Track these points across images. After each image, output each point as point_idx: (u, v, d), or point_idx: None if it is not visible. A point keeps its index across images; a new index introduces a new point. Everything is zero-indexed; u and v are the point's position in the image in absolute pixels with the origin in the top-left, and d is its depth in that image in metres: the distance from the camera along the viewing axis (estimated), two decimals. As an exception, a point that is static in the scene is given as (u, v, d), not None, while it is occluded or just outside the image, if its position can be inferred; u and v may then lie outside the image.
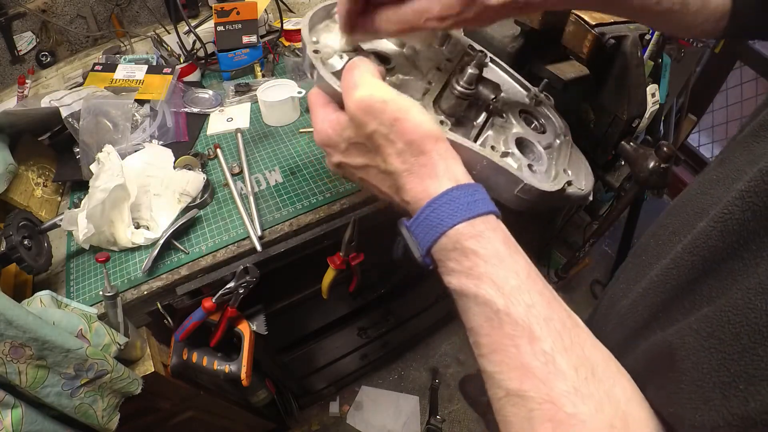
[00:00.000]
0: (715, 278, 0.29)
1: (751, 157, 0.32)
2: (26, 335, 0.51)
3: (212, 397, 0.98)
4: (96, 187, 0.71)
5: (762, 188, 0.26)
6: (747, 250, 0.27)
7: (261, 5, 1.10)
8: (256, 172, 0.87)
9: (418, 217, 0.33)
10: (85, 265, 0.75)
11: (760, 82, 1.88)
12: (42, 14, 1.05)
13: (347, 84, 0.37)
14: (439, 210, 0.32)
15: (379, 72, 0.38)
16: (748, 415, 0.22)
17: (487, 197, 0.34)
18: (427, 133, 0.34)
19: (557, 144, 0.54)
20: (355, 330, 1.34)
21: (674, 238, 0.37)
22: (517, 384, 0.28)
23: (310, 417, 1.68)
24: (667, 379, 0.29)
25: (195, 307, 0.76)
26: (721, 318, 0.26)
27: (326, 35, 0.52)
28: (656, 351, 0.32)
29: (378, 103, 0.34)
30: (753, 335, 0.23)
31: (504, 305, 0.29)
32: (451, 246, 0.32)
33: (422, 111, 0.35)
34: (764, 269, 0.24)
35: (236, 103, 1.03)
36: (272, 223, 0.78)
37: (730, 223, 0.28)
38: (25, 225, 0.70)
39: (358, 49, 0.47)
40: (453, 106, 0.47)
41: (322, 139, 0.40)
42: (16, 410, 0.52)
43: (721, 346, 0.25)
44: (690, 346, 0.27)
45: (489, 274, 0.30)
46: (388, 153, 0.35)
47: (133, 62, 1.04)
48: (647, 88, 0.67)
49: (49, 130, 0.89)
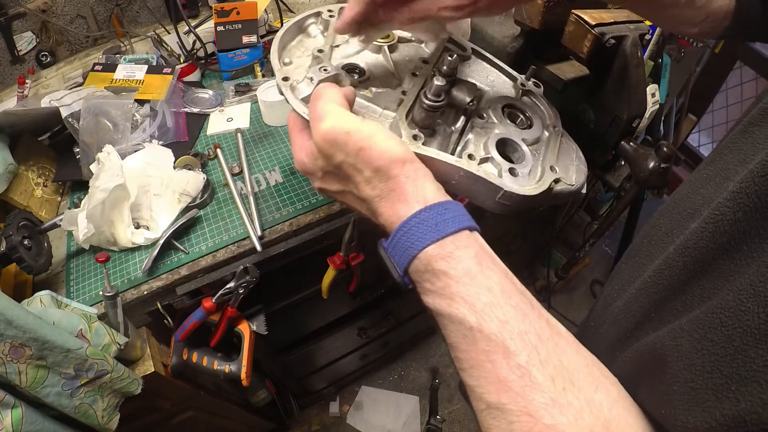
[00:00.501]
0: (707, 279, 0.29)
1: (741, 156, 0.32)
2: (26, 335, 0.51)
3: (212, 397, 0.98)
4: (96, 187, 0.71)
5: (753, 189, 0.26)
6: (738, 251, 0.27)
7: (261, 5, 1.10)
8: (256, 172, 0.87)
9: (392, 240, 0.34)
10: (85, 265, 0.75)
11: (760, 82, 1.88)
12: (42, 14, 1.05)
13: (313, 115, 0.37)
14: (409, 234, 0.33)
15: (346, 96, 0.39)
16: (738, 416, 0.22)
17: (459, 213, 0.34)
18: (392, 159, 0.35)
19: (545, 137, 0.51)
20: (355, 330, 1.34)
21: (666, 239, 0.37)
22: (495, 398, 0.28)
23: (310, 417, 1.68)
24: (660, 381, 0.29)
25: (195, 307, 0.76)
26: (713, 320, 0.26)
27: (299, 51, 0.52)
28: (649, 352, 0.32)
29: (341, 135, 0.35)
30: (745, 337, 0.23)
31: (476, 323, 0.30)
32: (423, 268, 0.32)
33: (387, 135, 0.36)
34: (755, 270, 0.25)
35: (236, 103, 1.03)
36: (272, 223, 0.78)
37: (721, 224, 0.28)
38: (25, 225, 0.70)
39: (328, 69, 0.45)
40: (424, 119, 0.46)
41: (299, 167, 0.41)
42: (16, 410, 0.52)
43: (714, 348, 0.25)
44: (683, 348, 0.27)
45: (461, 294, 0.31)
46: (358, 181, 0.36)
47: (133, 62, 1.04)
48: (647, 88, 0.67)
49: (49, 130, 0.89)
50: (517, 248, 1.63)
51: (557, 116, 0.53)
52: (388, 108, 0.46)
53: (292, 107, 0.43)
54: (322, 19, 0.54)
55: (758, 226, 0.26)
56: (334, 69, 0.43)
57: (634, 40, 0.62)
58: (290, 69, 0.49)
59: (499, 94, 0.55)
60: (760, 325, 0.23)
